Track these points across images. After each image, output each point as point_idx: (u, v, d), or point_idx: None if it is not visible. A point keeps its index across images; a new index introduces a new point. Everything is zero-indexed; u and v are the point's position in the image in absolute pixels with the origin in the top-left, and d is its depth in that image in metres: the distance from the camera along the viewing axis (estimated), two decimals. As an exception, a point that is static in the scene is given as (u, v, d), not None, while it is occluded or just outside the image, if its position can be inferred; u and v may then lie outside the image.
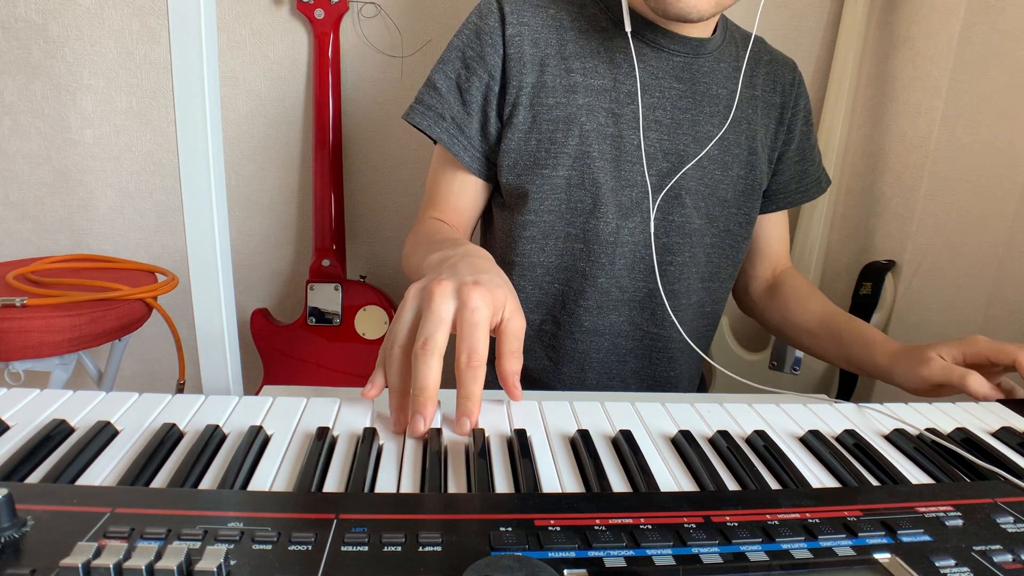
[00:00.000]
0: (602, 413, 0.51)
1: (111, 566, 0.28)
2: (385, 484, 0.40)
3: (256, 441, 0.43)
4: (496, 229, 0.84)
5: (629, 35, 0.74)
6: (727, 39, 0.82)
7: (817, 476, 0.44)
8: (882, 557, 0.34)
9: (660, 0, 0.68)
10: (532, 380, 0.86)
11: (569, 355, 0.83)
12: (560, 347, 0.83)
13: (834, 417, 0.54)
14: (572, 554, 0.32)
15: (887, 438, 0.51)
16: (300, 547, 0.31)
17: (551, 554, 0.32)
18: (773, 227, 0.93)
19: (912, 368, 0.67)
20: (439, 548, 0.32)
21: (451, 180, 0.81)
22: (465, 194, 0.81)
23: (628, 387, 0.85)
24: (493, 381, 0.90)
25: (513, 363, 0.50)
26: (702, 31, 0.78)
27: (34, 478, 0.38)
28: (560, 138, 0.75)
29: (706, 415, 0.52)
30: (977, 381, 0.62)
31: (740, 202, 0.83)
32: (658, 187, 0.78)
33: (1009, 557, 0.34)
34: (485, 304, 0.47)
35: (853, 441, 0.49)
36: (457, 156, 0.78)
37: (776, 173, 0.88)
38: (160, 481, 0.39)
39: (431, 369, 0.45)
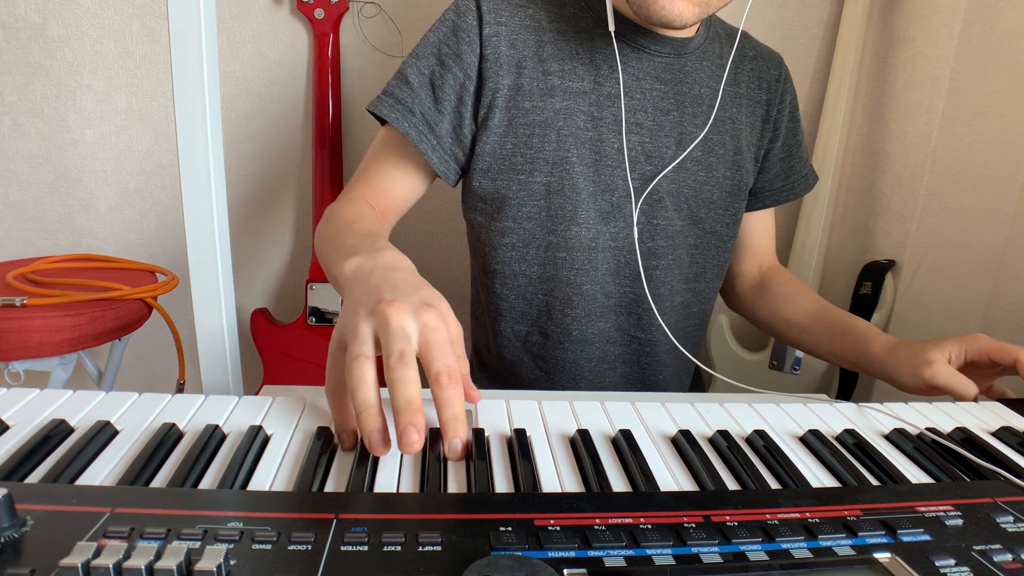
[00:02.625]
0: (602, 413, 0.51)
1: (111, 566, 0.28)
2: (385, 484, 0.40)
3: (256, 441, 0.43)
4: (472, 238, 0.83)
5: (613, 35, 0.72)
6: (710, 36, 0.80)
7: (817, 476, 0.44)
8: (882, 557, 0.34)
9: (643, 7, 0.66)
10: (524, 390, 0.86)
11: (560, 365, 0.81)
12: (550, 357, 0.82)
13: (834, 417, 0.54)
14: (572, 554, 0.32)
15: (887, 438, 0.51)
16: (300, 547, 0.31)
17: (551, 554, 0.32)
18: (759, 224, 0.91)
19: (914, 368, 0.67)
20: (439, 548, 0.32)
21: (393, 166, 0.78)
22: (405, 184, 0.78)
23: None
24: (492, 383, 0.90)
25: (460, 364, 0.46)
26: (685, 31, 0.76)
27: (34, 478, 0.38)
28: (537, 143, 0.74)
29: (706, 415, 0.52)
30: (976, 395, 0.62)
31: (727, 203, 0.82)
32: (640, 191, 0.76)
33: (1009, 557, 0.34)
34: (442, 323, 0.46)
35: (853, 441, 0.49)
36: (425, 155, 0.74)
37: (762, 171, 0.86)
38: (160, 481, 0.39)
39: (412, 380, 0.42)
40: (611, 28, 0.72)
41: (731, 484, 0.42)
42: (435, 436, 0.45)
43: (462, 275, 1.43)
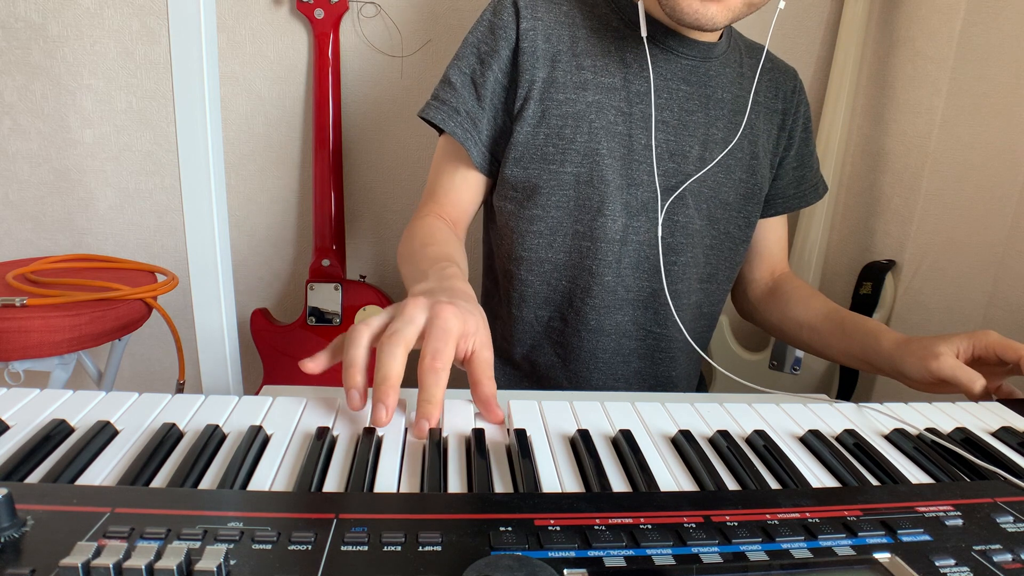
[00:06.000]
0: (602, 413, 0.51)
1: (111, 566, 0.28)
2: (385, 484, 0.40)
3: (256, 441, 0.43)
4: (500, 225, 0.85)
5: (645, 40, 0.75)
6: (731, 46, 0.83)
7: (817, 476, 0.44)
8: (882, 557, 0.34)
9: (675, 9, 0.69)
10: (540, 376, 0.87)
11: (576, 353, 0.83)
12: (568, 344, 0.83)
13: (834, 417, 0.54)
14: (572, 554, 0.32)
15: (887, 438, 0.51)
16: (300, 547, 0.31)
17: (551, 554, 0.32)
18: (772, 231, 0.93)
19: (922, 360, 0.67)
20: (439, 548, 0.32)
21: (454, 173, 0.82)
22: (467, 188, 0.82)
23: (631, 387, 0.85)
24: (507, 371, 0.91)
25: (490, 386, 0.49)
26: (710, 36, 0.80)
27: (34, 478, 0.38)
28: (569, 134, 0.76)
29: (706, 415, 0.52)
30: (983, 389, 0.62)
31: (741, 205, 0.83)
32: (663, 187, 0.79)
33: (1009, 557, 0.34)
34: (457, 319, 0.48)
35: (853, 441, 0.49)
36: (468, 150, 0.78)
37: (775, 178, 0.89)
38: (160, 481, 0.39)
39: (395, 359, 0.45)
40: (643, 34, 0.74)
41: (731, 484, 0.42)
42: (436, 432, 0.45)
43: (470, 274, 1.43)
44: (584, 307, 0.80)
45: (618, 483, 0.41)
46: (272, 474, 0.40)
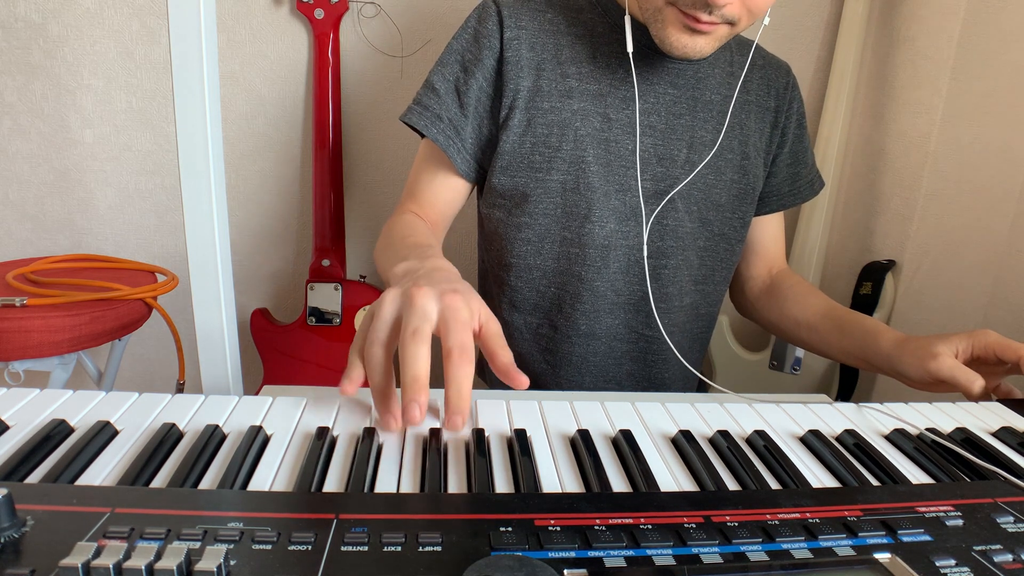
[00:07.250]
0: (602, 413, 0.51)
1: (111, 566, 0.28)
2: (385, 484, 0.40)
3: (256, 441, 0.43)
4: (489, 232, 0.85)
5: (631, 57, 0.74)
6: (722, 44, 0.82)
7: (817, 476, 0.44)
8: (882, 557, 0.34)
9: (664, 43, 0.69)
10: (532, 382, 0.86)
11: (566, 359, 0.83)
12: (557, 351, 0.83)
13: (834, 417, 0.54)
14: (572, 554, 0.32)
15: (887, 438, 0.51)
16: (300, 547, 0.31)
17: (551, 554, 0.32)
18: (768, 229, 0.93)
19: (920, 360, 0.67)
20: (439, 548, 0.32)
21: (434, 177, 0.82)
22: (448, 192, 0.82)
23: (623, 389, 0.85)
24: (499, 382, 0.90)
25: (506, 354, 0.49)
26: None
27: (34, 478, 0.38)
28: (555, 142, 0.76)
29: (706, 415, 0.52)
30: (981, 389, 0.62)
31: (734, 206, 0.83)
32: (652, 192, 0.78)
33: (1009, 557, 0.34)
34: (466, 307, 0.48)
35: (853, 441, 0.49)
36: (451, 158, 0.78)
37: (769, 176, 0.88)
38: (160, 481, 0.39)
39: (420, 357, 0.45)
40: (629, 50, 0.73)
41: (731, 484, 0.42)
42: (436, 433, 0.45)
43: (464, 275, 1.43)
44: (574, 312, 0.80)
45: (618, 483, 0.41)
46: (272, 474, 0.40)
